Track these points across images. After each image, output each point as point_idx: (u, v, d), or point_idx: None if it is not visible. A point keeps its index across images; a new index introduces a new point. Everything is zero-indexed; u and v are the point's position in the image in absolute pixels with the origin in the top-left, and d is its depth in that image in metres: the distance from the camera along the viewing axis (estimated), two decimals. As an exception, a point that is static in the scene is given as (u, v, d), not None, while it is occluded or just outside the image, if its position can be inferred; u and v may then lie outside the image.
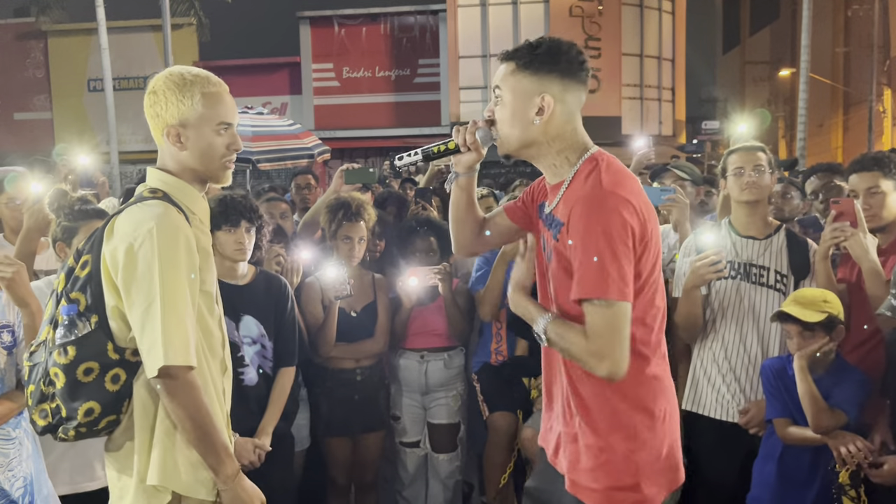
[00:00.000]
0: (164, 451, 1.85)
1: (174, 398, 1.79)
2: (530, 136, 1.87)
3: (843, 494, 2.52)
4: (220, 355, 2.00)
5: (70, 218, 2.62)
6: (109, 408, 1.84)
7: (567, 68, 1.84)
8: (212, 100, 1.91)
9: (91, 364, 1.81)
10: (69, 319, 1.83)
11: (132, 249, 1.78)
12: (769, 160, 2.92)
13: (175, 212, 1.84)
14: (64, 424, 1.84)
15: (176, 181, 1.93)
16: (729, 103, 29.61)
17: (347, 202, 3.44)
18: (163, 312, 1.76)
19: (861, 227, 2.67)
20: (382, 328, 3.54)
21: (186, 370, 1.79)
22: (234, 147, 1.95)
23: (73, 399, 1.82)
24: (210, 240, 1.99)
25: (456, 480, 3.76)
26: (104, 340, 1.82)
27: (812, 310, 2.60)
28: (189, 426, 1.81)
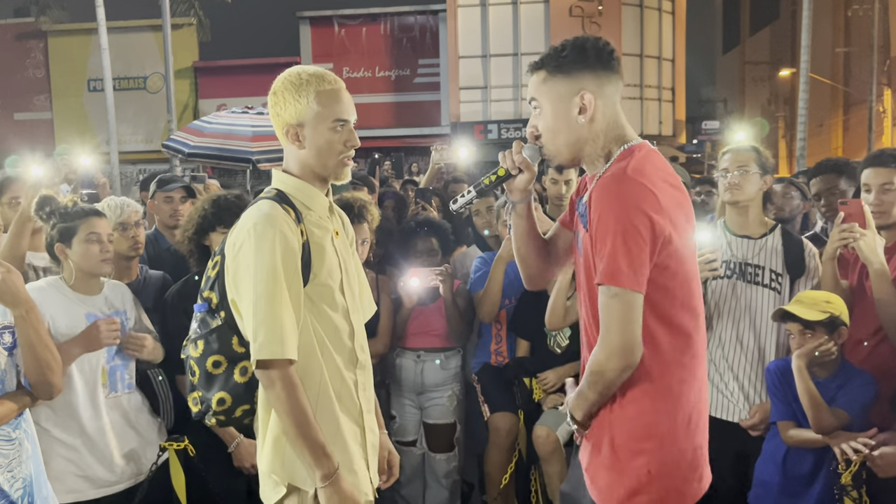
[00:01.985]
0: (275, 442, 1.92)
1: (270, 391, 1.86)
2: (579, 136, 1.84)
3: (846, 495, 2.52)
4: (348, 347, 2.02)
5: (66, 218, 2.61)
6: (240, 399, 1.96)
7: (597, 61, 1.83)
8: (327, 98, 1.95)
9: (218, 357, 1.94)
10: (201, 316, 1.98)
11: (237, 246, 1.89)
12: (761, 161, 2.91)
13: (280, 210, 1.90)
14: (207, 412, 1.98)
15: (294, 181, 1.99)
16: (729, 103, 29.62)
17: (350, 203, 3.44)
18: (257, 307, 1.84)
19: (870, 228, 2.66)
20: (384, 329, 3.54)
21: (284, 364, 1.84)
22: (350, 143, 2.00)
23: (208, 389, 1.96)
24: (329, 234, 2.01)
25: (454, 480, 3.76)
26: (230, 335, 1.92)
27: (813, 309, 2.60)
28: (285, 420, 1.85)
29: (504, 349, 3.69)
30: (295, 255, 1.88)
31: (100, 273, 2.67)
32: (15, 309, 2.13)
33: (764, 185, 2.93)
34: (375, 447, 2.11)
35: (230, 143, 6.28)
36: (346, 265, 2.07)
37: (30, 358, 2.19)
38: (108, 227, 2.70)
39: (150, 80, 20.65)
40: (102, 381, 2.64)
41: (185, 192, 3.90)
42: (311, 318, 1.94)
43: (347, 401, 2.00)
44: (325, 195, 2.04)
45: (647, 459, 1.80)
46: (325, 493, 1.87)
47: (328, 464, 1.87)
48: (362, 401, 2.04)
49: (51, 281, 2.66)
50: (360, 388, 2.04)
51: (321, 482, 1.86)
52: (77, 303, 2.62)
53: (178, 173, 11.08)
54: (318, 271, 1.94)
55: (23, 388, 2.26)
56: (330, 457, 1.87)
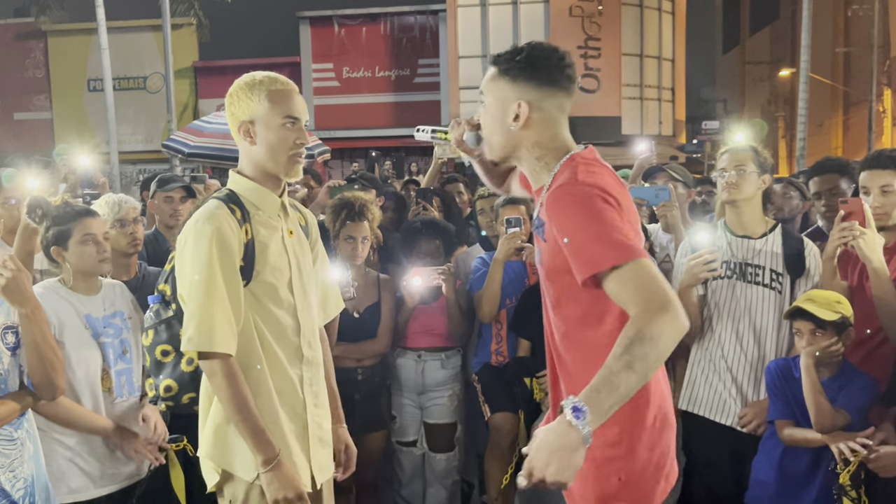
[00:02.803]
0: (214, 428, 2.03)
1: (212, 380, 1.96)
2: (510, 141, 1.87)
3: (844, 495, 2.52)
4: (294, 343, 2.09)
5: (60, 221, 2.60)
6: (186, 386, 2.13)
7: (546, 76, 1.83)
8: (278, 96, 2.03)
9: (166, 346, 2.13)
10: (155, 307, 2.16)
11: (181, 243, 2.01)
12: (759, 160, 2.91)
13: (224, 209, 2.00)
14: (158, 398, 2.15)
15: (245, 182, 2.09)
16: (729, 103, 29.60)
17: (351, 202, 3.44)
18: (191, 300, 1.95)
19: (870, 226, 2.66)
20: (386, 329, 3.54)
21: (219, 356, 1.93)
22: (300, 141, 2.06)
23: (157, 376, 2.15)
24: (277, 233, 2.10)
25: (454, 480, 3.76)
26: (178, 326, 2.06)
27: (827, 309, 2.59)
28: (227, 407, 1.96)
29: (504, 349, 3.69)
30: (233, 252, 1.96)
31: (99, 272, 2.67)
32: (21, 308, 2.14)
33: (762, 185, 2.93)
34: (324, 441, 2.18)
35: (230, 142, 6.23)
36: (300, 264, 2.15)
37: (34, 358, 2.19)
38: (104, 225, 2.70)
39: (149, 80, 20.63)
40: (108, 386, 2.63)
41: (185, 192, 3.91)
42: (253, 314, 2.02)
43: (290, 396, 2.08)
44: (280, 195, 2.12)
45: (618, 466, 1.79)
46: (266, 477, 1.96)
47: (269, 449, 1.96)
48: (307, 395, 2.12)
49: (48, 284, 2.65)
50: (305, 384, 2.12)
51: (262, 467, 1.95)
52: (76, 304, 2.61)
53: (178, 173, 11.08)
54: (261, 269, 2.03)
55: (25, 388, 2.27)
56: (271, 442, 1.97)
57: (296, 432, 2.09)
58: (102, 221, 2.71)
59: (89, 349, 2.57)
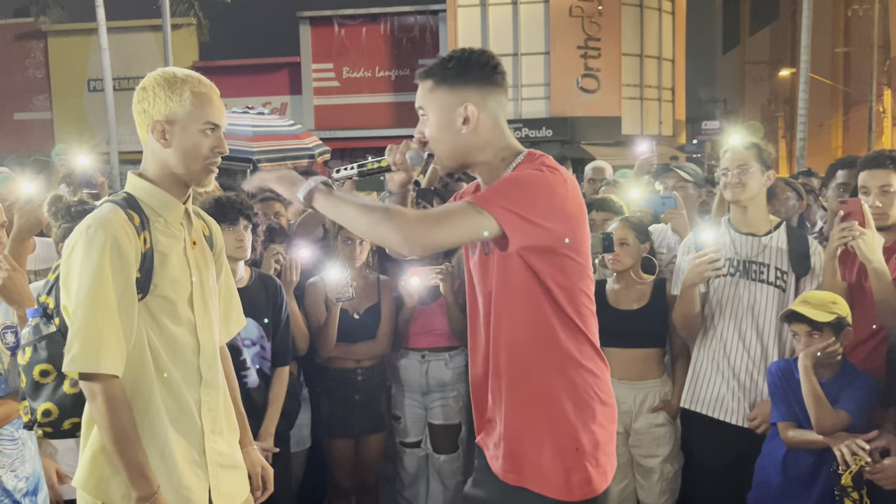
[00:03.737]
0: (92, 457, 1.84)
1: (91, 404, 1.78)
2: (461, 145, 1.89)
3: (846, 496, 2.51)
4: (192, 364, 1.92)
5: (68, 219, 2.63)
6: (68, 411, 1.87)
7: (481, 75, 1.88)
8: (201, 99, 1.89)
9: (46, 366, 1.85)
10: (34, 322, 1.88)
11: (68, 249, 1.82)
12: (762, 158, 2.90)
13: (121, 214, 1.82)
14: (34, 424, 1.89)
15: (147, 185, 1.92)
16: (729, 103, 29.62)
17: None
18: (77, 315, 1.75)
19: (869, 227, 2.66)
20: (385, 330, 3.54)
21: (107, 378, 1.75)
22: (218, 150, 1.93)
23: (34, 399, 1.87)
24: (180, 243, 1.94)
25: (457, 481, 3.75)
26: (61, 344, 1.81)
27: (821, 310, 2.60)
28: (105, 436, 1.77)
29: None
30: (128, 263, 1.78)
31: None
32: (20, 308, 2.14)
33: (767, 181, 2.92)
34: (226, 466, 2.00)
35: (230, 142, 6.21)
36: (202, 277, 1.98)
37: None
38: None
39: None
40: None
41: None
42: (147, 331, 1.85)
43: (184, 421, 1.90)
44: (184, 202, 1.96)
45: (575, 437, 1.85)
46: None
47: (145, 486, 1.79)
48: (205, 421, 1.94)
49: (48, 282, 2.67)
50: (203, 408, 1.94)
51: None
52: None
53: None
54: (159, 282, 1.86)
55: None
56: (148, 479, 1.79)
57: (193, 460, 1.91)
58: None
59: None
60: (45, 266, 3.18)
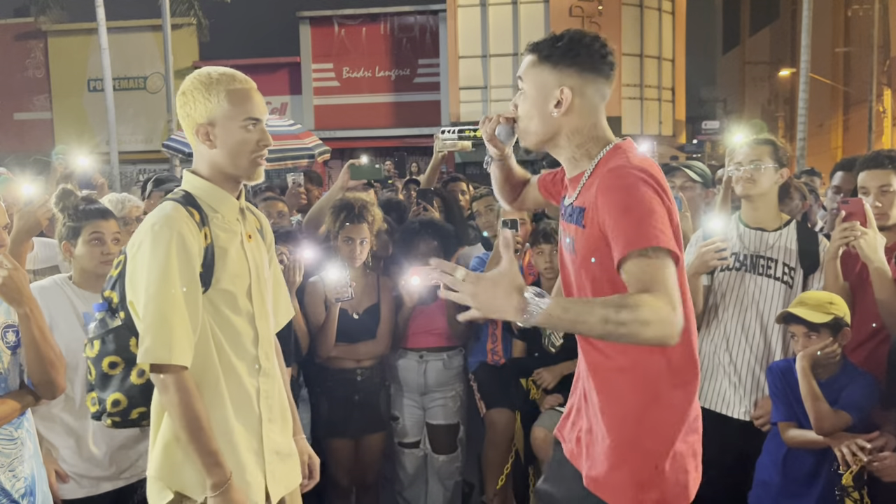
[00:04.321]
0: (165, 446, 1.90)
1: (163, 395, 1.85)
2: (549, 128, 1.86)
3: (847, 496, 2.51)
4: (251, 353, 1.99)
5: (73, 218, 2.63)
6: (136, 400, 1.94)
7: (587, 61, 1.82)
8: (238, 96, 1.93)
9: (114, 358, 1.92)
10: (100, 316, 1.96)
11: (135, 247, 1.87)
12: (777, 155, 2.89)
13: (183, 212, 1.88)
14: (103, 414, 1.97)
15: (202, 183, 1.98)
16: (729, 103, 29.62)
17: (350, 203, 3.43)
18: (148, 310, 1.82)
19: (871, 226, 2.65)
20: (385, 330, 3.53)
21: (177, 369, 1.82)
22: (263, 143, 1.96)
23: (103, 390, 1.96)
24: (237, 237, 2.00)
25: (456, 481, 3.76)
26: (128, 336, 1.90)
27: (818, 311, 2.59)
28: (178, 426, 1.84)
29: (500, 348, 3.69)
30: (193, 258, 1.85)
31: (101, 273, 2.67)
32: (20, 307, 2.14)
33: (780, 179, 2.92)
34: (281, 455, 2.07)
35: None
36: (258, 270, 2.04)
37: (33, 357, 2.19)
38: (115, 226, 2.70)
39: (149, 80, 20.66)
40: None
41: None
42: (210, 322, 1.91)
43: (245, 409, 1.97)
44: (237, 197, 2.02)
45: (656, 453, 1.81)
46: (214, 501, 1.85)
47: (219, 472, 1.84)
48: (263, 409, 2.00)
49: (56, 279, 2.67)
50: (262, 396, 2.00)
51: (211, 491, 1.84)
52: (78, 302, 2.62)
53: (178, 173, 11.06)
54: (220, 276, 1.92)
55: (25, 387, 2.27)
56: (222, 465, 1.85)
57: (252, 448, 1.98)
58: (116, 224, 2.71)
59: (81, 347, 2.57)
60: (44, 266, 3.18)
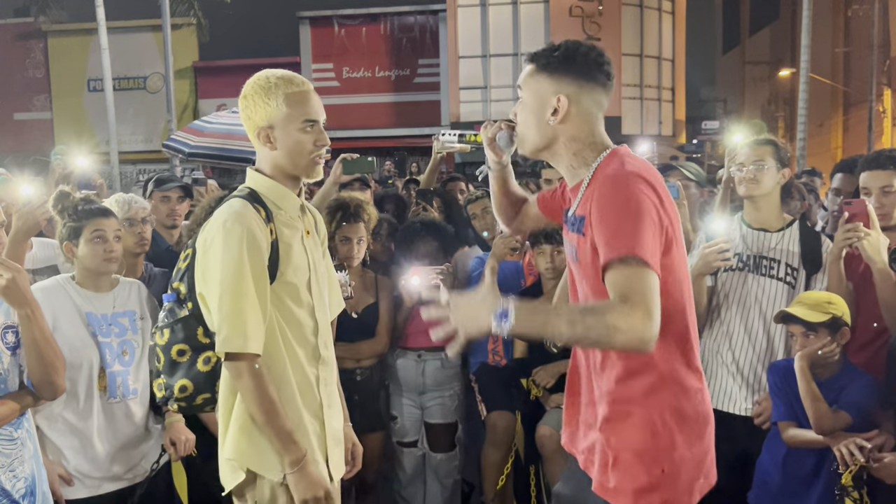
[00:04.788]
0: (239, 429, 1.99)
1: (238, 381, 1.95)
2: (546, 136, 1.91)
3: (846, 496, 2.52)
4: (311, 343, 2.09)
5: (75, 218, 2.64)
6: (202, 386, 2.05)
7: (583, 70, 1.86)
8: (295, 99, 2.02)
9: (182, 346, 2.04)
10: (169, 306, 2.08)
11: (207, 243, 1.97)
12: (779, 155, 2.90)
13: (250, 208, 1.97)
14: (170, 399, 2.08)
15: (266, 180, 2.07)
16: (729, 103, 29.61)
17: (346, 203, 3.44)
18: (222, 302, 1.92)
19: (874, 228, 2.65)
20: (384, 329, 3.54)
21: (250, 357, 1.92)
22: (320, 143, 2.05)
23: (171, 376, 2.06)
24: (298, 233, 2.09)
25: (454, 480, 3.76)
26: (195, 325, 2.02)
27: (816, 311, 2.60)
28: (254, 409, 1.94)
29: (500, 348, 3.69)
30: (262, 252, 1.95)
31: (105, 271, 2.68)
32: (21, 309, 2.14)
33: (782, 179, 2.93)
34: (337, 440, 2.18)
35: (230, 142, 6.29)
36: (316, 264, 2.14)
37: (34, 358, 2.19)
38: (116, 224, 2.71)
39: (149, 80, 20.65)
40: (103, 384, 2.63)
41: (183, 192, 3.89)
42: (276, 313, 2.02)
43: (308, 395, 2.08)
44: (297, 195, 2.12)
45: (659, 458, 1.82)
46: (293, 478, 1.96)
47: (296, 450, 1.96)
48: (323, 395, 2.11)
49: (59, 278, 2.67)
50: (321, 384, 2.11)
51: (290, 468, 1.96)
52: (81, 302, 2.62)
53: (178, 173, 11.09)
54: (284, 269, 2.02)
55: (25, 388, 2.27)
56: (298, 443, 1.97)
57: (316, 432, 2.09)
58: (116, 221, 2.73)
59: (84, 347, 2.58)
60: (42, 265, 3.18)
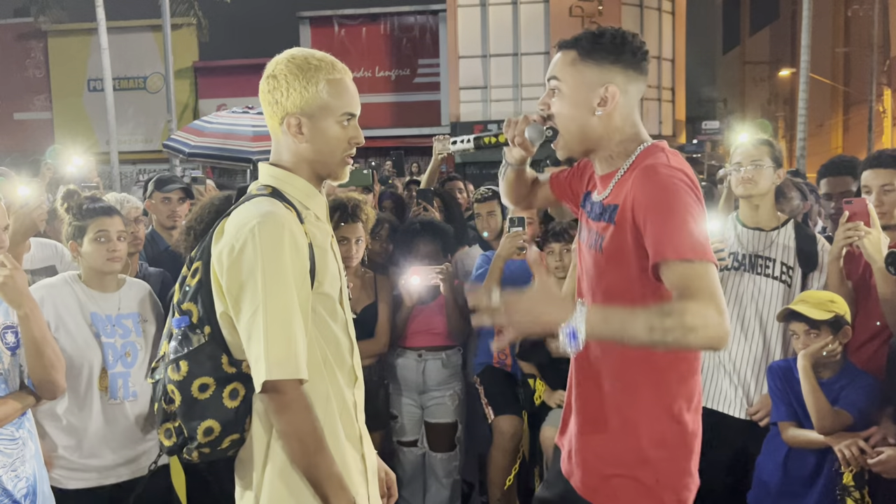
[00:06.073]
0: (277, 473, 1.68)
1: (281, 416, 1.62)
2: (592, 128, 1.78)
3: (847, 496, 2.52)
4: (348, 364, 1.80)
5: (79, 217, 2.62)
6: (230, 426, 1.68)
7: (631, 59, 1.78)
8: (338, 87, 1.73)
9: (206, 380, 1.67)
10: (182, 332, 1.70)
11: (234, 251, 1.62)
12: (774, 154, 2.91)
13: (283, 208, 1.66)
14: (188, 445, 1.70)
15: (287, 175, 1.75)
16: (729, 103, 29.62)
17: (344, 203, 3.43)
18: (266, 320, 1.59)
19: (875, 226, 2.66)
20: (383, 328, 3.54)
21: (295, 385, 1.61)
22: (355, 140, 1.78)
23: (191, 418, 1.68)
24: (329, 237, 1.80)
25: (454, 480, 3.76)
26: (219, 353, 1.68)
27: (820, 309, 2.60)
28: (298, 449, 1.63)
29: (506, 347, 3.68)
30: (305, 259, 1.65)
31: (108, 271, 2.67)
32: (19, 308, 2.14)
33: (777, 179, 2.94)
34: (375, 472, 1.90)
35: (231, 142, 6.29)
36: (342, 273, 1.86)
37: (34, 357, 2.19)
38: (120, 224, 2.68)
39: (149, 80, 20.65)
40: (104, 385, 2.62)
41: (184, 193, 3.89)
42: (314, 330, 1.71)
43: (348, 425, 1.77)
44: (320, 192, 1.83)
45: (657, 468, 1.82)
46: None
47: (346, 497, 1.65)
48: (360, 424, 1.83)
49: (67, 276, 2.67)
50: (358, 411, 1.83)
51: None
52: (85, 300, 2.61)
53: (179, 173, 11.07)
54: (322, 279, 1.71)
55: (26, 387, 2.27)
56: (347, 489, 1.66)
57: (359, 469, 1.79)
58: (121, 221, 2.69)
59: (88, 347, 2.57)
60: (41, 265, 3.17)
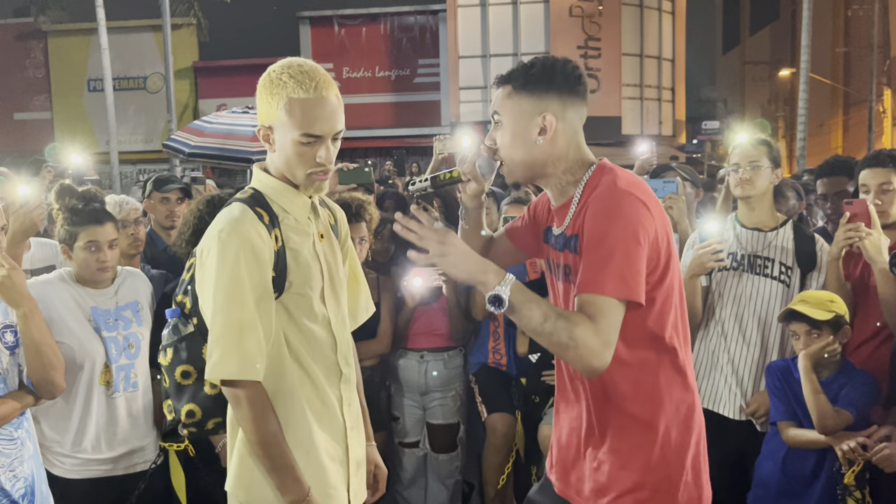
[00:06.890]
0: (240, 460, 1.81)
1: (236, 410, 1.76)
2: (534, 157, 1.81)
3: (848, 495, 2.52)
4: (330, 359, 1.88)
5: (70, 222, 2.60)
6: (210, 412, 1.87)
7: (564, 84, 1.80)
8: (299, 108, 1.73)
9: (187, 367, 1.85)
10: (173, 322, 1.89)
11: (203, 254, 1.76)
12: (772, 155, 2.92)
13: (251, 214, 1.74)
14: (178, 424, 1.91)
15: (271, 181, 1.83)
16: (729, 103, 29.62)
17: (347, 203, 3.43)
18: (214, 321, 1.71)
19: (875, 227, 2.66)
20: (386, 329, 3.54)
21: (245, 383, 1.72)
22: (320, 160, 1.77)
23: (178, 400, 1.89)
24: (310, 239, 1.86)
25: (456, 480, 3.76)
26: (201, 343, 1.81)
27: (820, 309, 2.60)
28: (252, 441, 1.75)
29: (502, 347, 3.68)
30: (264, 265, 1.73)
31: (98, 280, 2.65)
32: (18, 308, 2.14)
33: (776, 179, 2.95)
34: (361, 464, 1.98)
35: (230, 143, 6.28)
36: (332, 271, 1.92)
37: (33, 357, 2.19)
38: (112, 231, 2.65)
39: (149, 80, 20.64)
40: (106, 379, 2.62)
41: (182, 193, 3.88)
42: (286, 330, 1.80)
43: (328, 419, 1.86)
44: (309, 195, 1.88)
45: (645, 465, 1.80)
46: None
47: (297, 489, 1.75)
48: (346, 417, 1.90)
49: (62, 272, 2.66)
50: (343, 404, 1.90)
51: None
52: (83, 296, 2.61)
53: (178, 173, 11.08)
54: (294, 280, 1.80)
55: (25, 387, 2.27)
56: (300, 481, 1.75)
57: (338, 458, 1.88)
58: (113, 228, 2.66)
59: (90, 343, 2.56)
60: (41, 265, 3.17)
